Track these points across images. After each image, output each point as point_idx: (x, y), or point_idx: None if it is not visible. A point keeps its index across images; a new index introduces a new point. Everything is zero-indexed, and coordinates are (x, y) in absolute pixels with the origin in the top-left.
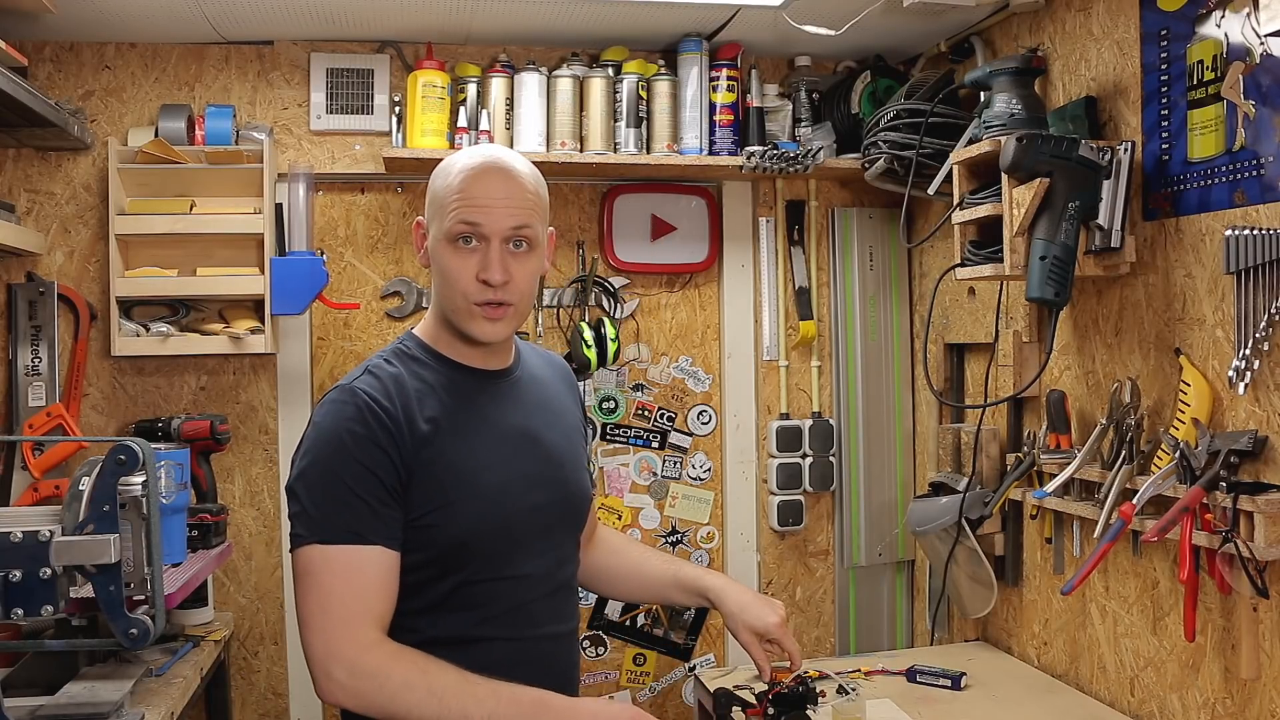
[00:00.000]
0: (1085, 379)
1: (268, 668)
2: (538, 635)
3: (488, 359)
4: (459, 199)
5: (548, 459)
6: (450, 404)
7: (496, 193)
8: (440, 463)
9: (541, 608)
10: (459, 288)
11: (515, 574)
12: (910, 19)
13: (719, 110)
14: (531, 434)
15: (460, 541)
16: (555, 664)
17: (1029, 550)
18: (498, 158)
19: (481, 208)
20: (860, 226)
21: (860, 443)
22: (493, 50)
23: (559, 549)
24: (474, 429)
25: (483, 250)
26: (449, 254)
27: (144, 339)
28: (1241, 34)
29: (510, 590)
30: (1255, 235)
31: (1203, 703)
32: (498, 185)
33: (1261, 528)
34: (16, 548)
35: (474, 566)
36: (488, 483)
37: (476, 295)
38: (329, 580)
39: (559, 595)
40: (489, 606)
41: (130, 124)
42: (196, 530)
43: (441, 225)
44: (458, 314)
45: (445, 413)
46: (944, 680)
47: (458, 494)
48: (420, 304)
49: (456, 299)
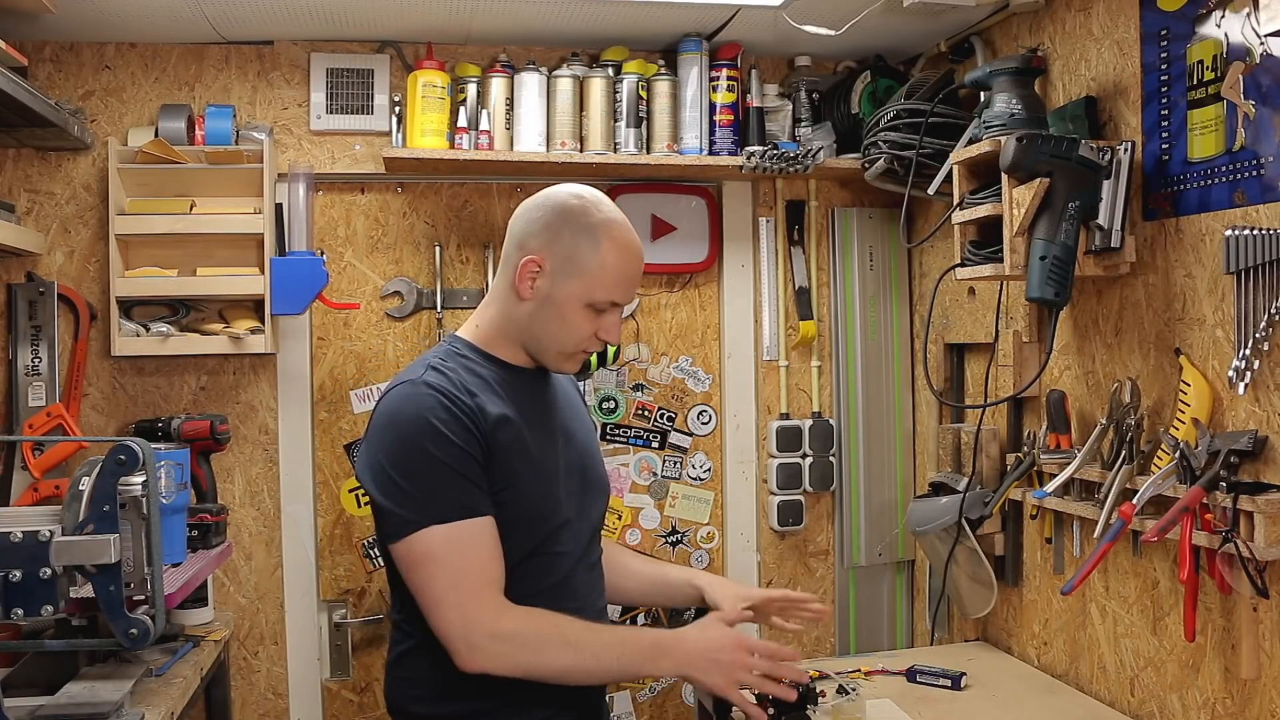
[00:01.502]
0: (1085, 379)
1: (268, 668)
2: (577, 607)
3: (531, 362)
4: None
5: (580, 449)
6: (508, 396)
7: (637, 273)
8: (509, 446)
9: (583, 581)
10: (576, 338)
11: (562, 550)
12: (910, 19)
13: (719, 110)
14: (568, 426)
15: (524, 518)
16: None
17: (1029, 550)
18: (634, 235)
19: (629, 292)
20: (860, 226)
21: (860, 443)
22: (493, 50)
23: (592, 530)
24: (530, 418)
25: (611, 315)
26: (582, 313)
27: (144, 339)
28: (1241, 34)
29: (559, 564)
30: (1255, 235)
31: (1203, 703)
32: (639, 267)
33: (1261, 528)
34: (16, 548)
35: (536, 541)
36: (544, 465)
37: (589, 346)
38: (455, 558)
39: (594, 572)
40: (542, 578)
41: (130, 124)
42: (196, 530)
43: (590, 293)
44: (559, 356)
45: (507, 402)
46: (944, 680)
47: (525, 474)
48: (420, 304)
49: (568, 345)
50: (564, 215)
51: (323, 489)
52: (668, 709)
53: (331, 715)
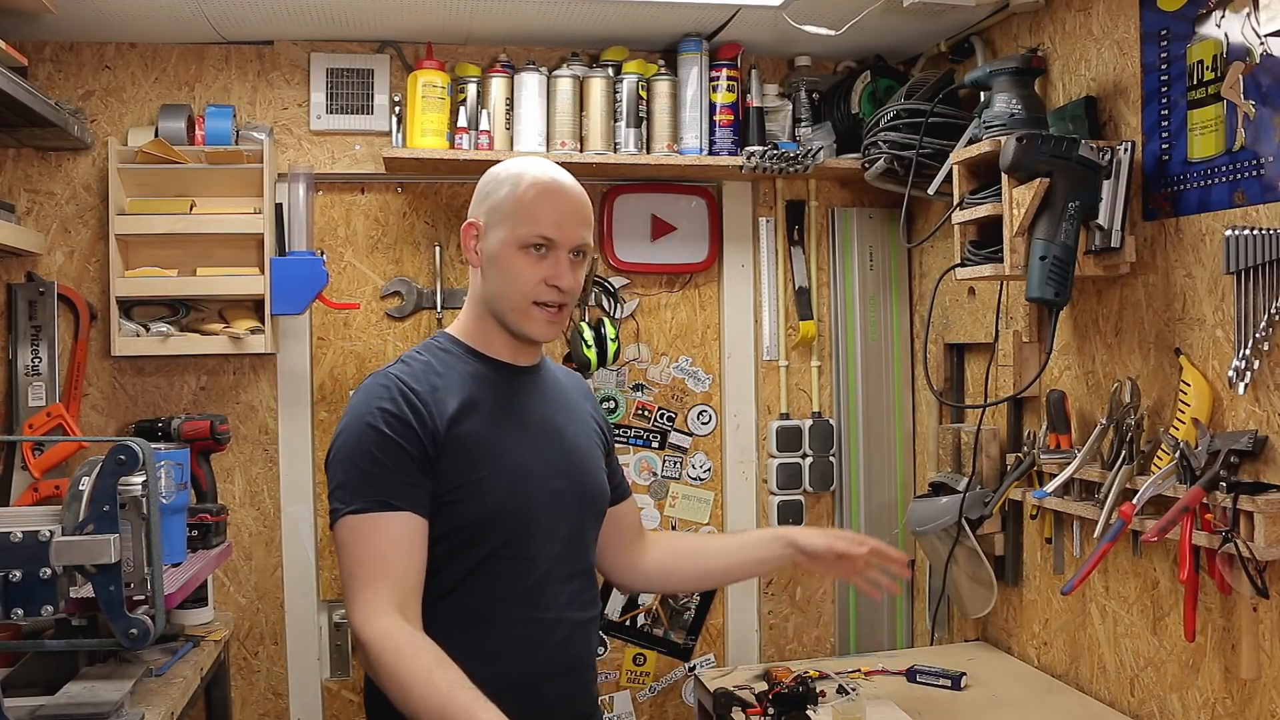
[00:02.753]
0: (1085, 379)
1: (268, 668)
2: (553, 619)
3: (517, 355)
4: (536, 212)
5: (569, 450)
6: (479, 390)
7: (568, 209)
8: (469, 440)
9: (558, 591)
10: (523, 288)
11: (534, 554)
12: (910, 19)
13: (719, 110)
14: (554, 426)
15: (485, 517)
16: (569, 649)
17: (1029, 550)
18: (561, 175)
19: (558, 225)
20: (860, 226)
21: (860, 443)
22: (493, 50)
23: (577, 537)
24: (501, 412)
25: (552, 259)
26: (519, 258)
27: (144, 339)
28: (1241, 34)
29: (528, 570)
30: (1255, 235)
31: (1203, 703)
32: (569, 203)
33: (1261, 528)
34: (16, 548)
35: (496, 543)
36: (512, 463)
37: (540, 296)
38: (357, 548)
39: (575, 582)
40: (507, 584)
41: (130, 124)
42: (196, 530)
43: (514, 232)
44: (515, 313)
45: (474, 396)
46: (944, 680)
47: (485, 471)
48: (420, 304)
49: (517, 298)
50: (492, 176)
51: (323, 489)
52: (668, 709)
53: (331, 715)
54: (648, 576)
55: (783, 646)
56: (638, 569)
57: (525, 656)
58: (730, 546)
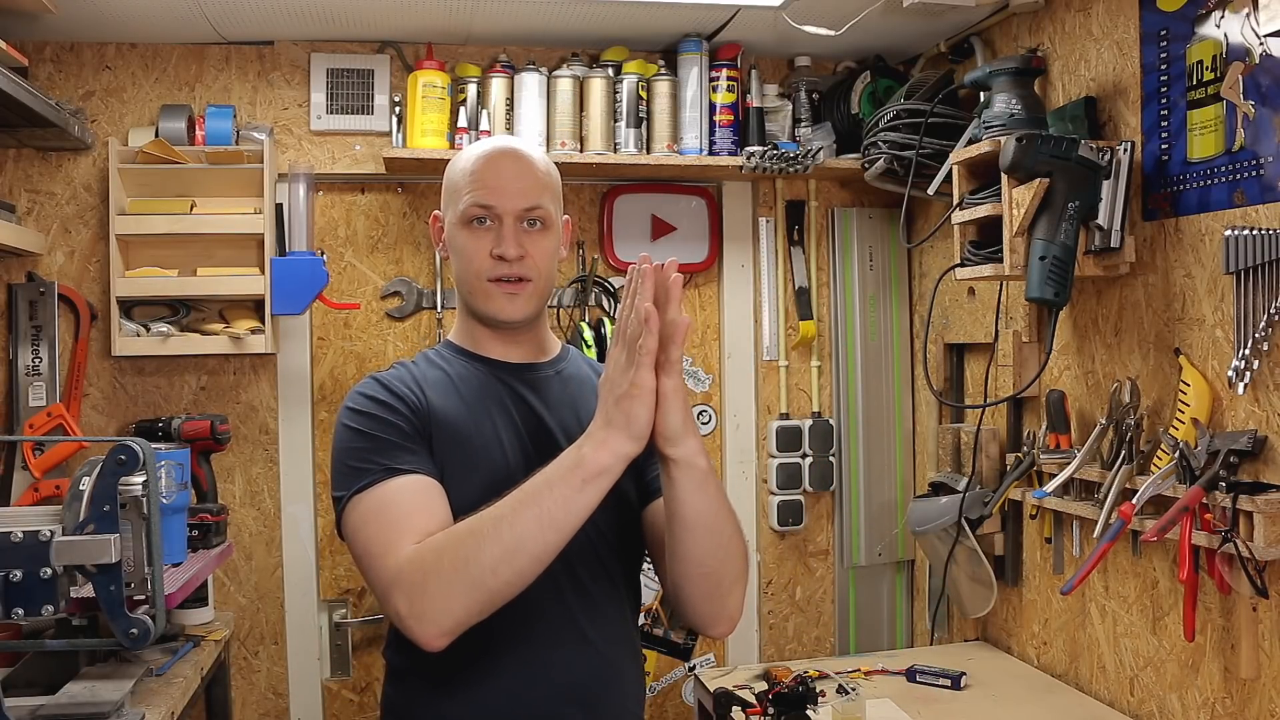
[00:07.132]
0: (1085, 379)
1: (268, 668)
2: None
3: (509, 351)
4: (473, 182)
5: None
6: (463, 388)
7: (508, 174)
8: (443, 434)
9: (555, 614)
10: (473, 266)
11: None
12: (910, 19)
13: (719, 110)
14: (549, 428)
15: (459, 514)
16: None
17: (1029, 550)
18: (509, 142)
19: (494, 189)
20: (860, 226)
21: (860, 443)
22: (493, 50)
23: (577, 552)
24: (483, 410)
25: (496, 229)
26: (464, 235)
27: (144, 339)
28: (1241, 34)
29: None
30: (1255, 235)
31: (1202, 702)
32: (509, 167)
33: (1261, 528)
34: (17, 548)
35: None
36: (489, 460)
37: (491, 271)
38: (371, 524)
39: (577, 606)
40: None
41: (130, 124)
42: (197, 530)
43: (456, 209)
44: (475, 295)
45: (456, 394)
46: (944, 680)
47: (458, 466)
48: (420, 304)
49: (471, 278)
50: (450, 163)
51: (323, 489)
52: (668, 709)
53: (331, 715)
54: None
55: (783, 646)
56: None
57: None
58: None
